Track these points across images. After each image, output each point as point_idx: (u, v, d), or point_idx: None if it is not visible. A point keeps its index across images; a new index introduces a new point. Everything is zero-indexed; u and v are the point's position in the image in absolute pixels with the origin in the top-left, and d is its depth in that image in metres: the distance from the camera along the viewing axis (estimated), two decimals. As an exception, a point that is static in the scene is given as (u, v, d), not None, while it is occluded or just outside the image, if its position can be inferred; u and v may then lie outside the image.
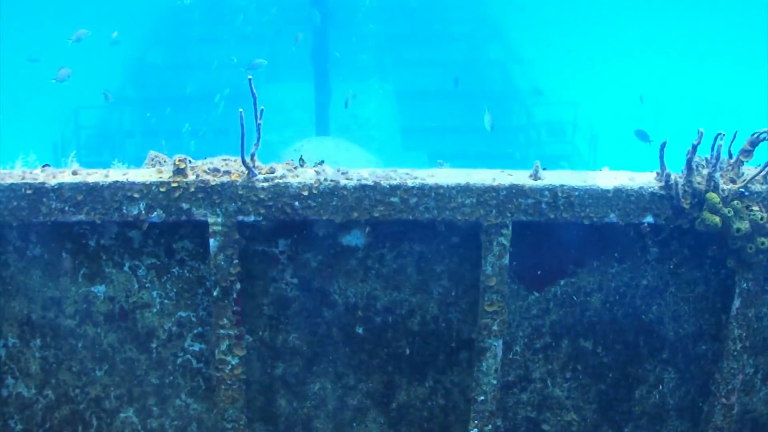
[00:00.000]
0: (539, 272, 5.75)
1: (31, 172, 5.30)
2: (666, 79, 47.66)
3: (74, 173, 5.28)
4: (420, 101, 32.21)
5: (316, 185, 5.18)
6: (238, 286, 5.42)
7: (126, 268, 5.59)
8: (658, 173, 5.49)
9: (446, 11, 40.46)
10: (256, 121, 5.10)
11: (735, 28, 53.23)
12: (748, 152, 5.51)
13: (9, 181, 5.18)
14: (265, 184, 5.17)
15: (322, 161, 5.42)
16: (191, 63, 35.45)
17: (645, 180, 5.47)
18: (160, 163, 6.40)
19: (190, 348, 5.79)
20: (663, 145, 5.43)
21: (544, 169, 5.50)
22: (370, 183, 5.21)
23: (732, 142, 5.46)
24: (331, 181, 5.20)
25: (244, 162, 5.17)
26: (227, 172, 5.23)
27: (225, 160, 5.38)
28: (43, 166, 5.42)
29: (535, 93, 29.21)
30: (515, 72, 34.13)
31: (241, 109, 5.01)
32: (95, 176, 5.25)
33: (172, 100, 32.88)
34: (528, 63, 34.84)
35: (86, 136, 29.50)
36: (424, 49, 36.22)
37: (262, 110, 5.08)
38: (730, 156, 5.54)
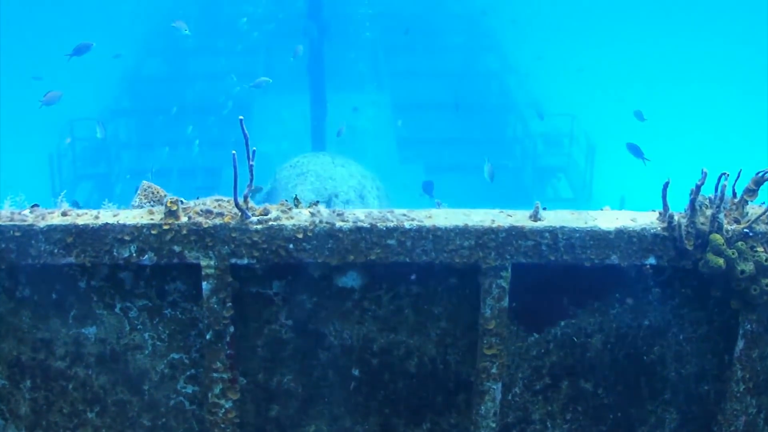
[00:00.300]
0: (539, 313, 5.64)
1: (19, 213, 5.18)
2: (666, 92, 47.54)
3: (64, 214, 5.17)
4: (416, 112, 32.14)
5: (311, 227, 5.07)
6: (232, 329, 5.31)
7: (117, 310, 5.47)
8: (660, 213, 5.38)
9: (442, 22, 40.48)
10: (249, 162, 5.00)
11: (738, 50, 52.70)
12: (752, 191, 5.40)
13: None
14: (259, 227, 5.06)
15: (317, 201, 5.32)
16: (187, 74, 35.43)
17: (647, 220, 5.36)
18: (152, 194, 6.29)
19: (183, 390, 5.67)
20: (665, 186, 5.32)
21: (545, 208, 5.39)
22: (366, 225, 5.10)
23: (736, 180, 5.36)
24: (327, 223, 5.09)
25: (237, 204, 5.06)
26: (220, 214, 5.12)
27: (218, 200, 5.27)
28: (32, 207, 5.29)
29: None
30: (511, 83, 34.08)
31: (234, 151, 4.91)
32: (85, 218, 5.13)
33: (168, 111, 32.82)
34: (525, 74, 34.78)
35: (82, 148, 29.41)
36: (420, 59, 36.18)
37: (254, 151, 4.98)
38: (734, 195, 5.43)
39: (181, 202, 5.21)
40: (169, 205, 5.06)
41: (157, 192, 6.33)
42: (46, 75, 36.48)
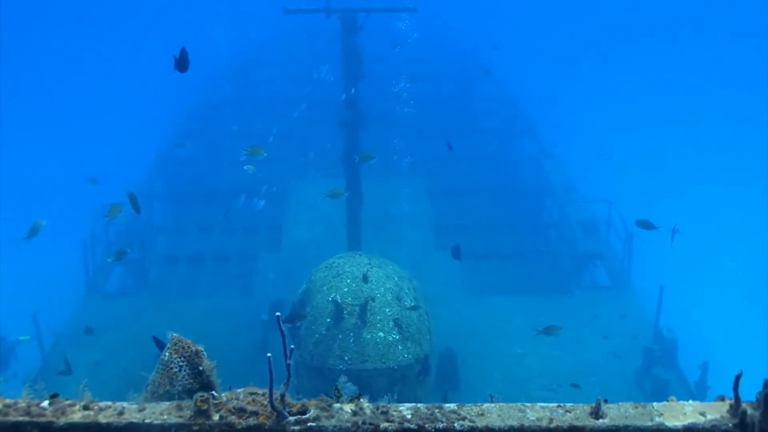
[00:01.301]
0: None
1: (37, 405, 4.83)
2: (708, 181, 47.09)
3: (85, 408, 4.81)
4: (452, 198, 31.86)
5: (353, 429, 4.67)
6: None
7: None
8: (731, 405, 4.95)
9: (478, 106, 40.39)
10: (286, 361, 4.63)
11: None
12: (832, 381, 4.97)
13: (13, 418, 4.70)
14: (297, 428, 4.67)
15: (360, 394, 4.92)
16: (222, 157, 35.38)
17: (716, 415, 4.93)
18: (183, 348, 5.98)
19: None
20: (737, 378, 4.89)
21: (605, 400, 4.96)
22: (413, 426, 4.70)
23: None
24: (370, 424, 4.69)
25: (272, 405, 4.68)
26: (254, 413, 4.74)
27: (252, 394, 4.90)
28: (51, 397, 4.94)
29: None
30: (548, 167, 33.73)
31: (269, 354, 4.54)
32: (108, 413, 4.77)
33: (203, 196, 32.73)
34: (560, 159, 34.44)
35: (116, 233, 29.23)
36: (455, 143, 36.00)
37: (292, 350, 4.61)
38: (812, 384, 5.00)
39: (213, 395, 4.84)
40: (198, 403, 4.69)
41: (188, 347, 6.04)
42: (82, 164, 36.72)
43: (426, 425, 4.70)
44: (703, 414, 4.92)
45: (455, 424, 4.71)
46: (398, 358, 16.04)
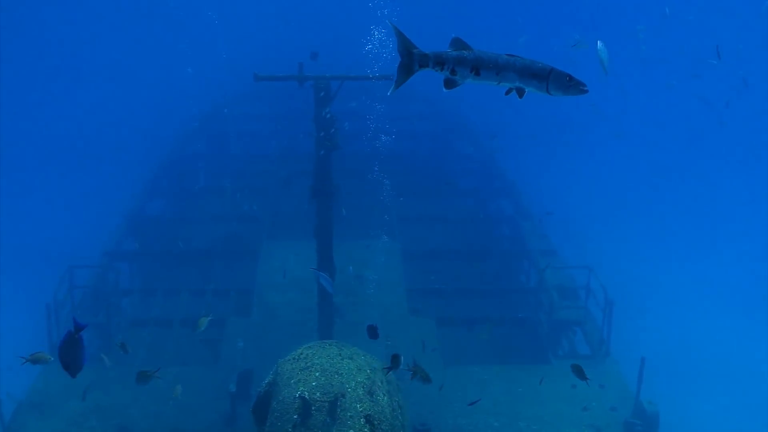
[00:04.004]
0: None
1: None
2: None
3: None
4: (427, 261, 31.21)
5: None
6: None
7: None
8: None
9: (454, 165, 39.99)
10: None
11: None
12: None
13: None
14: None
15: None
16: (193, 216, 34.68)
17: None
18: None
19: None
20: None
21: None
22: None
23: None
24: None
25: None
26: None
27: None
28: None
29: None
30: (525, 229, 33.17)
31: None
32: None
33: (173, 255, 31.96)
34: (538, 220, 33.91)
35: (81, 296, 28.35)
36: (431, 204, 35.55)
37: None
38: None
39: None
40: None
41: None
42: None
43: None
44: None
45: None
46: (370, 458, 15.13)
